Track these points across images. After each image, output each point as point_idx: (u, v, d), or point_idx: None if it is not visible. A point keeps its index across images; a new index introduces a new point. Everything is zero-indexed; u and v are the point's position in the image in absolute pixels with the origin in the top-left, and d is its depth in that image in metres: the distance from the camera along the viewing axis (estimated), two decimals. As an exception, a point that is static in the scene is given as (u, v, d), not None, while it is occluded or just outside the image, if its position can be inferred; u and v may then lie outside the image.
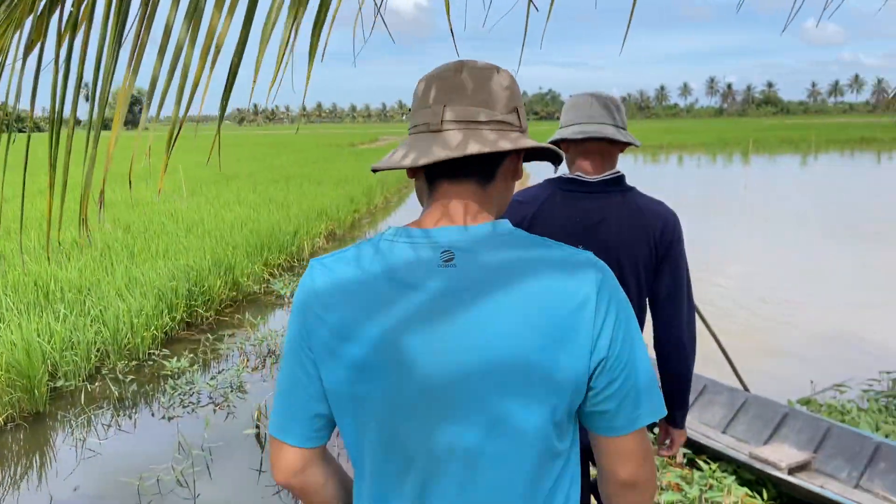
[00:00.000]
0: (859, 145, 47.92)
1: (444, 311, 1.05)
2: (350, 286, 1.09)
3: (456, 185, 1.13)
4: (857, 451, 4.14)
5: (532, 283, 1.04)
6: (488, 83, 1.12)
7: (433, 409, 1.05)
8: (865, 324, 7.70)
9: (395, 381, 1.05)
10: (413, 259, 1.09)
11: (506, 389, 1.04)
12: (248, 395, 5.82)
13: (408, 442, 1.07)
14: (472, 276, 1.05)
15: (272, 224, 11.51)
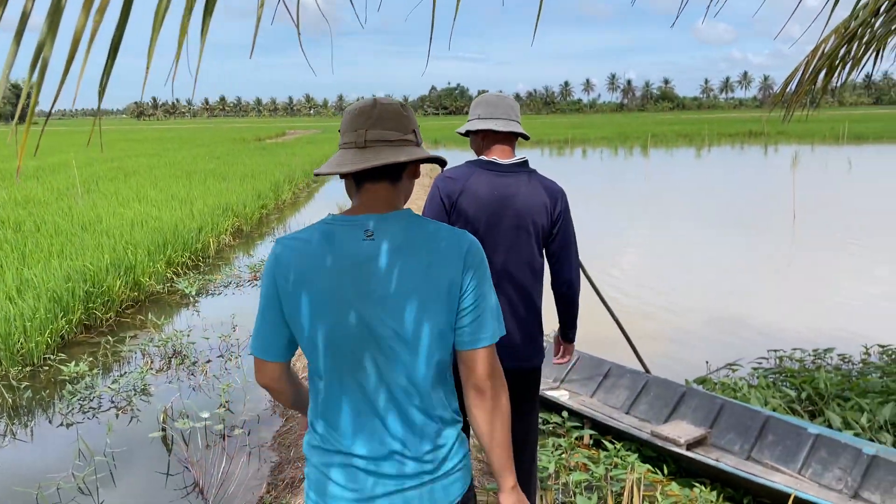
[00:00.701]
0: (748, 139, 50.59)
1: (366, 267, 1.58)
2: (304, 253, 1.60)
3: (375, 184, 1.65)
4: (748, 425, 4.41)
5: (429, 244, 1.61)
6: (394, 114, 1.64)
7: (363, 326, 1.58)
8: (753, 306, 8.19)
9: (337, 312, 1.58)
10: (346, 235, 1.60)
11: (408, 316, 1.58)
12: (153, 397, 5.63)
13: (348, 349, 1.59)
14: (383, 244, 1.59)
15: (175, 221, 11.13)
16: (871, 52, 4.44)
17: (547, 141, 51.02)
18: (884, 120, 64.49)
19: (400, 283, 1.58)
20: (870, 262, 10.43)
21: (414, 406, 1.63)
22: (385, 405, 1.62)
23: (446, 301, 1.61)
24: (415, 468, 1.63)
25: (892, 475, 3.78)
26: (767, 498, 3.67)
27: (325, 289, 1.59)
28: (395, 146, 1.63)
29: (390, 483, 1.62)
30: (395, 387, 1.61)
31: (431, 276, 1.59)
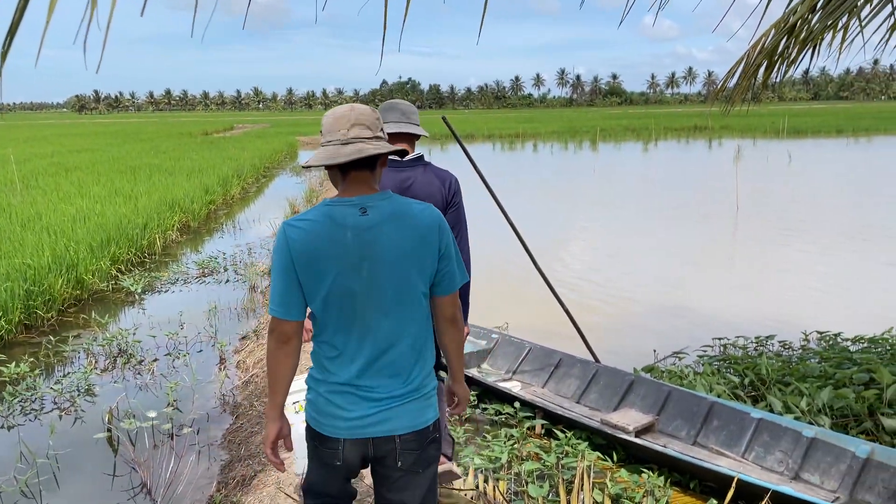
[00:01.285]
0: (693, 133, 51.69)
1: (367, 235, 2.01)
2: (312, 231, 2.01)
3: (359, 172, 2.07)
4: (694, 411, 4.52)
5: (410, 218, 2.05)
6: (368, 116, 2.08)
7: (367, 289, 2.01)
8: (698, 296, 8.39)
9: (345, 276, 2.00)
10: (345, 212, 2.02)
11: (403, 271, 2.03)
12: (98, 397, 5.49)
13: (357, 301, 2.02)
14: (378, 217, 2.03)
15: (119, 217, 10.83)
16: (808, 48, 4.58)
17: (498, 136, 51.27)
18: (821, 115, 66.63)
19: (394, 246, 2.04)
20: (808, 252, 10.78)
21: (407, 344, 2.10)
22: (384, 344, 2.07)
23: (429, 259, 2.09)
24: (402, 391, 2.10)
25: (830, 456, 3.92)
26: (713, 481, 3.78)
27: (335, 255, 2.01)
28: (371, 142, 2.07)
29: (381, 403, 2.07)
30: (392, 329, 2.07)
31: (417, 241, 2.06)
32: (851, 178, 21.00)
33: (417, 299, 2.10)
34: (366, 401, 2.07)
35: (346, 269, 2.01)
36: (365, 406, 2.07)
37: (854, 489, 3.76)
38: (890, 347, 5.54)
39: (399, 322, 2.08)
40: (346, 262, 2.01)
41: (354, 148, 2.02)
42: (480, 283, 9.47)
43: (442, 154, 36.13)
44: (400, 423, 2.09)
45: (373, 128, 2.09)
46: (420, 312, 2.12)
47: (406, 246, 2.05)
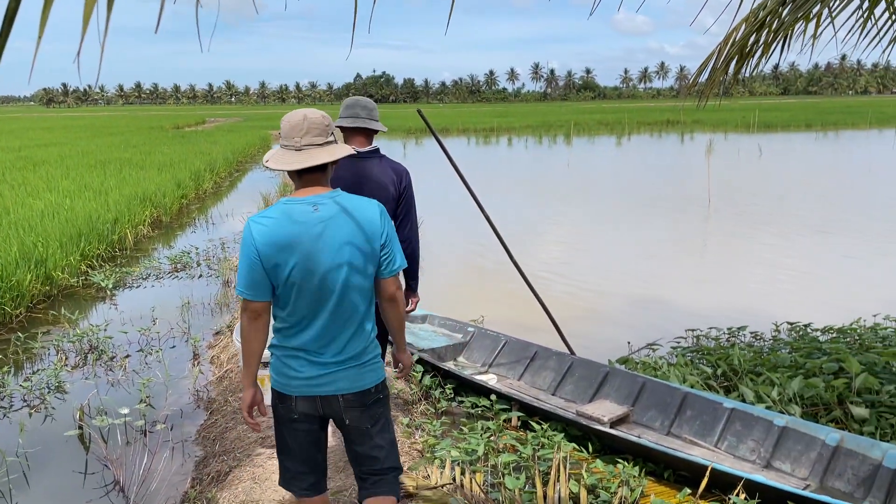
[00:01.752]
0: (666, 127, 52.15)
1: (318, 230, 2.36)
2: (273, 227, 2.34)
3: (312, 175, 2.43)
4: (668, 402, 4.57)
5: (354, 213, 2.40)
6: (318, 124, 2.41)
7: (320, 273, 2.35)
8: (671, 288, 8.48)
9: (302, 265, 2.34)
10: (300, 209, 2.37)
11: (350, 258, 2.38)
12: (69, 395, 5.41)
13: (312, 283, 2.36)
14: (327, 213, 2.38)
15: (89, 212, 10.66)
16: (779, 41, 4.63)
17: (473, 130, 51.30)
18: (791, 109, 67.61)
19: (342, 237, 2.39)
20: (778, 244, 10.94)
21: (352, 318, 2.46)
22: (334, 319, 2.43)
23: (372, 248, 2.44)
24: (347, 358, 2.47)
25: (801, 444, 3.99)
26: (687, 471, 3.82)
27: (293, 246, 2.35)
28: (322, 147, 2.42)
29: (328, 367, 2.45)
30: (343, 305, 2.43)
31: (362, 232, 2.42)
32: (819, 172, 21.34)
33: (363, 281, 2.47)
34: (314, 365, 2.45)
35: (302, 257, 2.37)
36: (314, 369, 2.45)
37: (824, 476, 3.82)
38: (858, 337, 5.64)
39: (346, 300, 2.44)
40: (301, 251, 2.37)
41: (307, 155, 2.39)
42: (456, 276, 9.50)
43: (417, 148, 36.08)
44: (343, 384, 2.47)
45: (324, 133, 2.43)
46: (365, 292, 2.50)
47: (352, 236, 2.41)
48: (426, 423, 4.35)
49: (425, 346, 5.77)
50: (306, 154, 2.39)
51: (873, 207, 14.14)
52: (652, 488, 3.72)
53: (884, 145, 31.88)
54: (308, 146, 2.40)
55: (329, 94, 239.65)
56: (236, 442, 4.11)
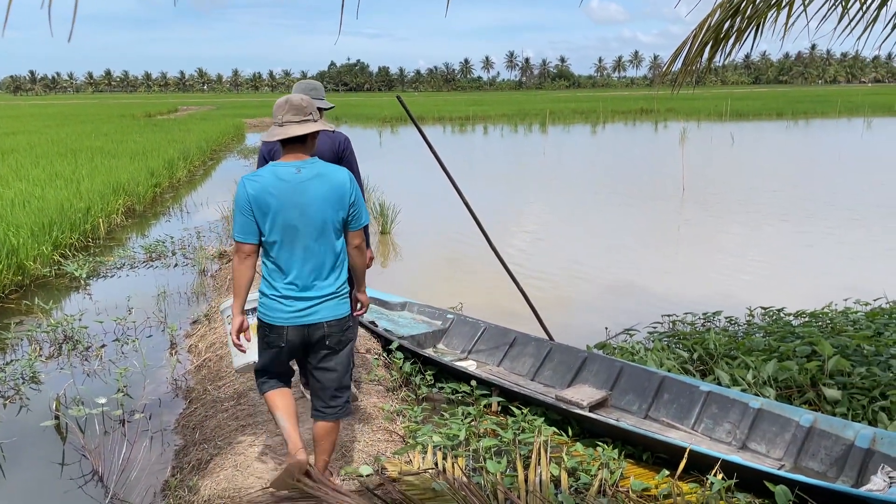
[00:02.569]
0: (640, 115, 52.46)
1: (300, 187, 2.96)
2: (264, 183, 2.94)
3: (293, 145, 3.03)
4: (645, 385, 4.63)
5: (332, 180, 3.03)
6: (298, 105, 3.00)
7: (301, 223, 2.95)
8: (647, 274, 8.56)
9: (285, 215, 2.93)
10: (285, 171, 2.97)
11: (325, 212, 2.99)
12: (44, 385, 5.34)
13: (293, 232, 2.96)
14: (308, 176, 2.99)
15: (61, 201, 10.47)
16: (752, 28, 4.69)
17: (449, 118, 51.19)
18: (762, 98, 68.36)
19: (318, 195, 3.02)
20: (751, 231, 11.09)
21: (328, 261, 3.09)
22: (313, 261, 3.05)
23: (343, 205, 3.09)
24: (325, 293, 3.10)
25: (776, 426, 4.07)
26: (665, 453, 3.88)
27: (279, 199, 2.98)
28: (299, 124, 3.05)
29: (313, 301, 3.08)
30: (318, 251, 3.05)
31: (334, 192, 3.05)
32: (790, 161, 21.63)
33: (335, 231, 3.09)
34: (301, 300, 3.06)
35: (285, 209, 2.98)
36: (301, 303, 3.07)
37: (798, 457, 3.91)
38: (830, 321, 5.75)
39: (323, 246, 3.06)
40: (285, 204, 2.98)
41: (286, 129, 3.04)
42: (434, 264, 9.49)
43: (393, 137, 35.94)
44: (326, 313, 3.11)
45: (301, 113, 3.05)
46: (337, 241, 3.12)
47: (326, 195, 3.04)
48: (407, 409, 4.36)
49: (405, 334, 5.78)
50: (286, 128, 3.04)
51: (841, 196, 14.38)
52: (631, 470, 3.77)
53: (852, 134, 32.39)
54: (288, 122, 3.05)
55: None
56: (216, 430, 4.10)
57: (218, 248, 9.40)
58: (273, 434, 3.88)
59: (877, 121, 40.95)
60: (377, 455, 3.63)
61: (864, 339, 4.98)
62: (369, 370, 4.91)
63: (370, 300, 6.47)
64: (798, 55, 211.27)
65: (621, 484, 3.61)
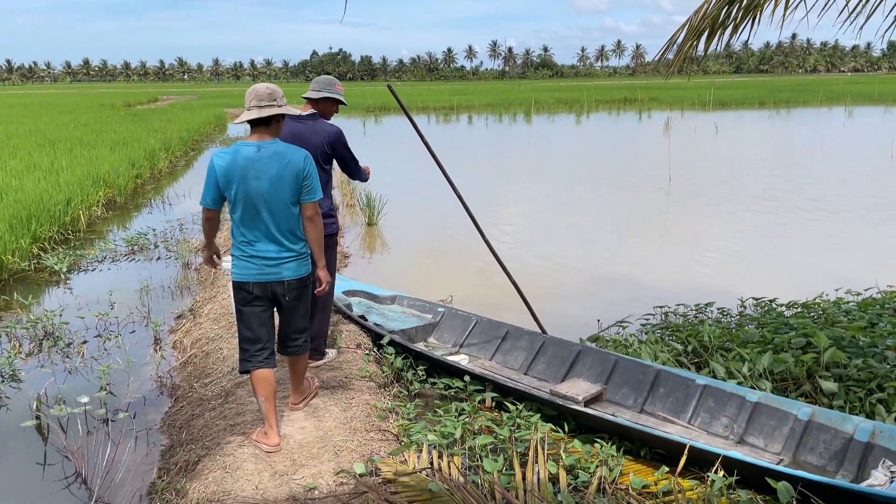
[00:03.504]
0: (623, 105, 52.49)
1: (259, 163, 3.46)
2: (228, 160, 3.46)
3: (258, 127, 3.55)
4: (640, 379, 4.57)
5: (288, 158, 3.52)
6: (263, 92, 3.52)
7: (260, 194, 3.47)
8: (636, 265, 8.52)
9: (246, 187, 3.45)
10: (247, 149, 3.48)
11: (281, 188, 3.49)
12: (24, 383, 5.19)
13: (253, 203, 3.47)
14: (267, 154, 3.49)
15: (39, 193, 10.25)
16: (750, 17, 4.61)
17: (433, 108, 50.96)
18: (744, 87, 68.65)
19: (275, 171, 3.50)
20: (737, 221, 11.08)
21: (286, 227, 3.59)
22: (273, 228, 3.55)
23: (297, 181, 3.55)
24: (285, 256, 3.60)
25: (773, 420, 4.02)
26: (663, 448, 3.82)
27: (240, 174, 3.47)
28: (261, 108, 3.53)
29: (275, 261, 3.59)
30: (276, 219, 3.55)
31: (289, 169, 3.53)
32: (775, 150, 21.71)
33: (290, 203, 3.59)
34: (264, 260, 3.60)
35: (246, 182, 3.50)
36: (263, 263, 3.60)
37: (797, 451, 3.86)
38: (822, 312, 5.72)
39: (281, 216, 3.57)
40: (246, 177, 3.51)
41: (252, 112, 3.55)
42: (422, 255, 9.39)
43: (377, 126, 35.72)
44: (287, 273, 3.65)
45: (265, 99, 3.56)
46: (293, 211, 3.61)
47: (280, 171, 3.53)
48: (400, 406, 4.27)
49: (395, 328, 5.68)
50: (252, 112, 3.54)
51: (826, 186, 14.42)
52: (630, 467, 3.70)
53: (834, 123, 32.60)
54: (254, 107, 3.54)
55: (285, 72, 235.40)
56: (204, 430, 3.98)
57: (201, 241, 9.23)
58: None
59: (857, 109, 41.24)
60: (371, 455, 3.53)
61: (859, 329, 4.95)
62: (360, 366, 4.81)
63: (359, 293, 6.40)
64: (779, 44, 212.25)
65: (620, 481, 3.54)
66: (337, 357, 4.95)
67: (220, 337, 5.46)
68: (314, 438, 3.69)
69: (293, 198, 3.56)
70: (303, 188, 3.57)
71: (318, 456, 3.50)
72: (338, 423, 3.89)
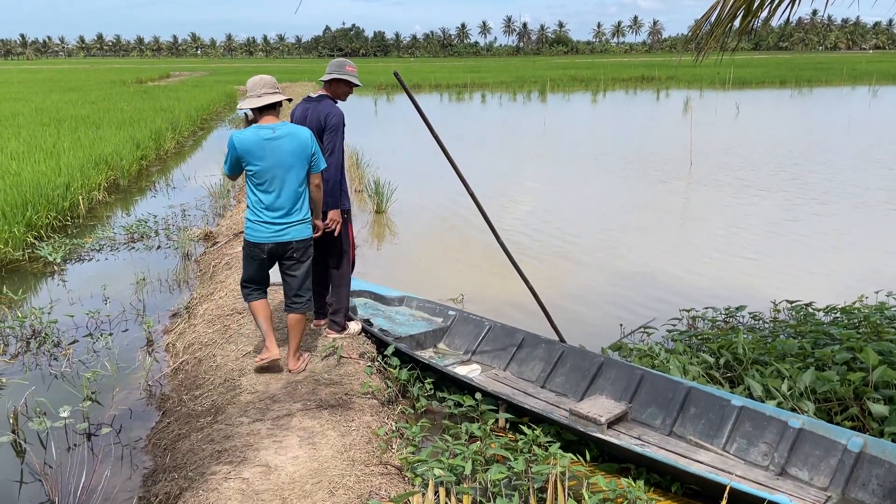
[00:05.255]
0: (640, 83, 51.55)
1: (276, 142, 4.25)
2: (247, 140, 4.23)
3: (267, 111, 4.33)
4: (669, 397, 4.16)
5: (299, 138, 4.30)
6: (269, 82, 4.35)
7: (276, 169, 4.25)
8: (655, 260, 8.05)
9: (265, 163, 4.24)
10: (263, 131, 4.26)
11: (292, 160, 4.27)
12: (5, 391, 4.84)
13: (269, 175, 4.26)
14: (282, 136, 4.27)
15: (38, 177, 9.88)
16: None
17: (445, 86, 50.24)
18: (764, 65, 67.21)
19: (287, 148, 4.21)
20: (766, 211, 10.57)
21: (295, 197, 4.29)
22: (285, 196, 4.25)
23: (307, 155, 4.28)
24: (293, 220, 4.31)
25: (819, 449, 3.61)
26: (697, 484, 3.42)
27: (258, 151, 4.18)
28: (274, 95, 4.27)
29: (284, 224, 4.29)
30: (288, 189, 4.25)
31: (299, 146, 4.25)
32: (799, 132, 21.02)
33: (300, 174, 4.29)
34: (276, 224, 4.29)
35: (262, 158, 4.20)
36: (276, 227, 4.29)
37: (846, 486, 3.45)
38: (865, 319, 5.26)
39: (291, 186, 4.27)
40: (262, 154, 4.20)
41: (262, 100, 4.25)
42: (433, 247, 8.95)
43: (388, 105, 35.16)
44: (294, 235, 4.34)
45: (272, 88, 4.30)
46: (302, 181, 4.32)
47: (294, 149, 4.24)
48: (405, 428, 3.88)
49: (403, 333, 5.29)
50: (263, 98, 4.25)
51: (858, 174, 13.84)
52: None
53: (859, 103, 31.70)
54: (266, 94, 4.27)
55: (297, 48, 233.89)
56: (189, 455, 3.61)
57: (203, 229, 8.87)
58: (251, 465, 3.40)
59: (882, 89, 40.20)
60: (370, 495, 3.14)
61: (911, 344, 4.50)
62: (361, 381, 4.42)
63: (365, 293, 6.03)
64: (799, 21, 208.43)
65: (650, 525, 3.15)
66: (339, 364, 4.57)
67: (214, 343, 5.09)
68: (308, 472, 3.30)
69: (303, 170, 4.30)
70: (312, 162, 4.34)
71: (310, 494, 3.12)
72: (335, 451, 3.50)
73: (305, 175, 4.32)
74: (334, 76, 4.76)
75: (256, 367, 4.48)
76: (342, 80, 4.79)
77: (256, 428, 3.77)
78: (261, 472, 3.32)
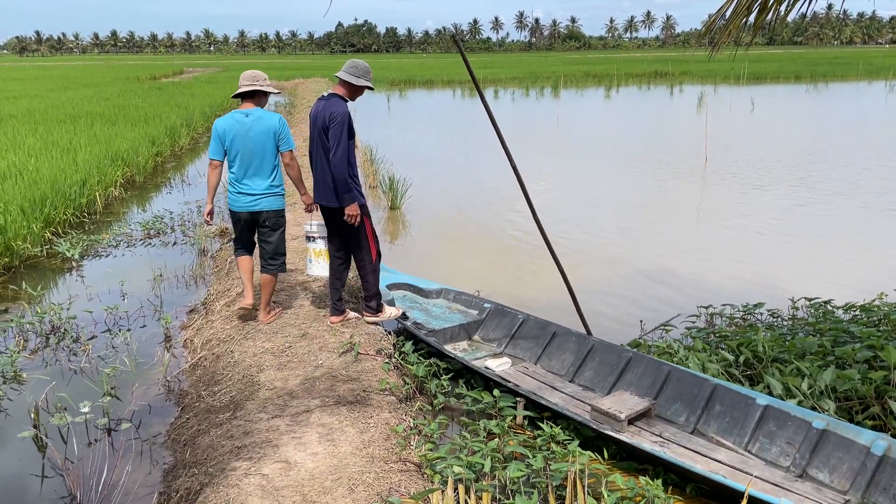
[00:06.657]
0: (654, 79, 51.26)
1: (248, 126, 5.06)
2: (226, 122, 5.11)
3: (246, 100, 5.18)
4: (695, 394, 4.15)
5: (267, 121, 5.10)
6: (250, 75, 5.18)
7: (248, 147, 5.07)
8: (671, 255, 8.01)
9: (239, 142, 5.07)
10: (240, 115, 5.10)
11: (264, 140, 5.09)
12: (26, 385, 4.88)
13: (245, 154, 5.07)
14: (253, 119, 5.09)
15: (56, 173, 9.96)
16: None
17: (458, 81, 50.16)
18: (778, 60, 66.62)
19: (258, 130, 5.03)
20: (782, 208, 10.49)
21: (265, 171, 5.11)
22: (256, 170, 5.08)
23: (274, 136, 5.09)
24: (263, 191, 5.12)
25: (841, 451, 3.58)
26: (707, 486, 3.41)
27: (234, 132, 5.02)
28: (249, 86, 5.08)
29: (256, 195, 5.11)
30: (259, 165, 5.08)
31: (268, 129, 5.05)
32: (816, 128, 20.84)
33: (272, 151, 5.07)
34: (251, 195, 5.07)
35: (239, 138, 4.99)
36: (249, 197, 5.08)
37: (867, 490, 3.42)
38: (885, 317, 5.21)
39: (262, 162, 5.04)
40: (238, 135, 4.99)
41: (241, 88, 5.04)
42: (448, 244, 8.95)
43: (401, 101, 35.14)
44: (266, 205, 5.12)
45: (254, 82, 5.07)
46: (273, 158, 5.10)
47: (263, 129, 5.00)
48: (422, 424, 3.89)
49: (437, 326, 5.41)
50: (241, 87, 5.03)
51: (884, 170, 13.71)
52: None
53: (876, 98, 31.37)
54: (244, 85, 5.03)
55: (310, 44, 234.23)
56: (209, 451, 3.63)
57: (219, 226, 8.90)
58: (271, 461, 3.41)
59: (899, 84, 39.76)
60: (390, 491, 3.15)
61: (932, 342, 4.45)
62: (379, 377, 4.43)
63: (403, 286, 6.17)
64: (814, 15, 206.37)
65: (670, 524, 3.13)
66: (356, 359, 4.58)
67: (232, 339, 5.11)
68: (327, 468, 3.32)
69: (273, 148, 5.05)
70: (279, 141, 5.07)
71: (330, 491, 3.13)
72: (354, 448, 3.51)
73: (275, 153, 5.07)
74: (342, 77, 4.98)
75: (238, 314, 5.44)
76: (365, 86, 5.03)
77: (275, 424, 3.78)
78: (280, 469, 3.34)
